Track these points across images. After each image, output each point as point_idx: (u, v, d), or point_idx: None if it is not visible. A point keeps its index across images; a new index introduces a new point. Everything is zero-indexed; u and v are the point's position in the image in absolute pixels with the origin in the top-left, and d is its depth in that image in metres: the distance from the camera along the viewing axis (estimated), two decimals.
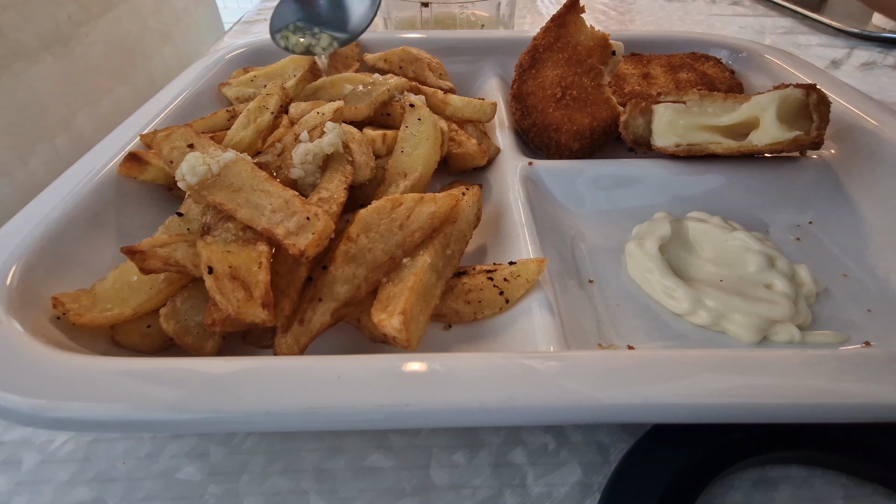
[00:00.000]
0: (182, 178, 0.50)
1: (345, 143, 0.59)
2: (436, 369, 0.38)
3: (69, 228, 0.53)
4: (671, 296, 0.54)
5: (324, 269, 0.48)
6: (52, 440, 0.47)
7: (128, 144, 0.63)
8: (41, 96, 0.98)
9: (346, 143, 0.59)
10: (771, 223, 0.66)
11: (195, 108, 0.76)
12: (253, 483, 0.44)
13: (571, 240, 0.64)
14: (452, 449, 0.46)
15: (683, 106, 0.66)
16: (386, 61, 0.83)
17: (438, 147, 0.64)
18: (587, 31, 0.75)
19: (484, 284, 0.51)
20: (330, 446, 0.46)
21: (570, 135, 0.72)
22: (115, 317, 0.46)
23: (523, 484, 0.43)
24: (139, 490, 0.43)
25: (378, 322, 0.44)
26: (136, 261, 0.46)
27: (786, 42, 1.34)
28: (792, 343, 0.51)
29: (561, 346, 0.45)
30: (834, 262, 0.60)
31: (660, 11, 1.59)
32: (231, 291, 0.43)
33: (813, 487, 0.43)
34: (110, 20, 1.18)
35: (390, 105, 0.71)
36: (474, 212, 0.57)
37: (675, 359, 0.38)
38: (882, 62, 1.22)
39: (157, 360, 0.39)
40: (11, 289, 0.45)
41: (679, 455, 0.41)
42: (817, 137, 0.61)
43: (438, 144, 0.64)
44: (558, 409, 0.36)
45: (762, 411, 0.37)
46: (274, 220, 0.47)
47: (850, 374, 0.38)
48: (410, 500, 0.43)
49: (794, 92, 0.60)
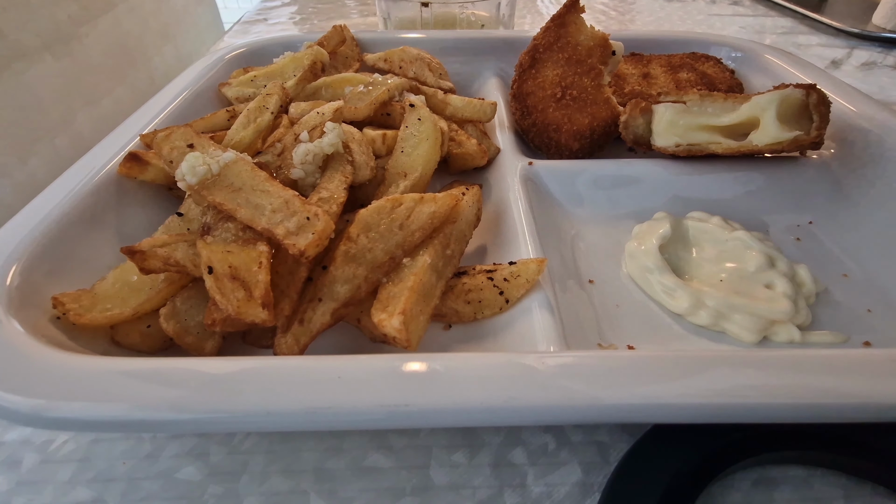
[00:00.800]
0: (182, 178, 0.50)
1: (345, 143, 0.59)
2: (436, 369, 0.38)
3: (69, 228, 0.53)
4: (671, 296, 0.54)
5: (324, 269, 0.48)
6: (52, 440, 0.47)
7: (128, 144, 0.63)
8: (41, 96, 0.98)
9: (346, 143, 0.59)
10: (771, 223, 0.66)
11: (195, 108, 0.76)
12: (253, 483, 0.44)
13: (571, 240, 0.64)
14: (452, 449, 0.46)
15: (683, 106, 0.66)
16: (386, 61, 0.83)
17: (438, 147, 0.64)
18: (587, 31, 0.75)
19: (484, 284, 0.51)
20: (330, 446, 0.46)
21: (570, 135, 0.72)
22: (115, 317, 0.46)
23: (523, 484, 0.43)
24: (139, 490, 0.43)
25: (378, 322, 0.44)
26: (136, 261, 0.46)
27: (786, 42, 1.35)
28: (792, 343, 0.51)
29: (561, 346, 0.45)
30: (834, 262, 0.60)
31: (660, 11, 1.59)
32: (231, 291, 0.43)
33: (813, 487, 0.43)
34: (110, 20, 1.18)
35: (390, 105, 0.71)
36: (474, 212, 0.57)
37: (675, 359, 0.38)
38: (882, 62, 1.22)
39: (157, 360, 0.39)
40: (11, 289, 0.45)
41: (679, 455, 0.41)
42: (817, 137, 0.61)
43: (438, 144, 0.64)
44: (558, 409, 0.36)
45: (762, 411, 0.37)
46: (274, 220, 0.47)
47: (850, 374, 0.38)
48: (410, 500, 0.43)
49: (794, 92, 0.60)
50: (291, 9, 1.65)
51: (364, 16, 1.56)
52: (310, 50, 0.82)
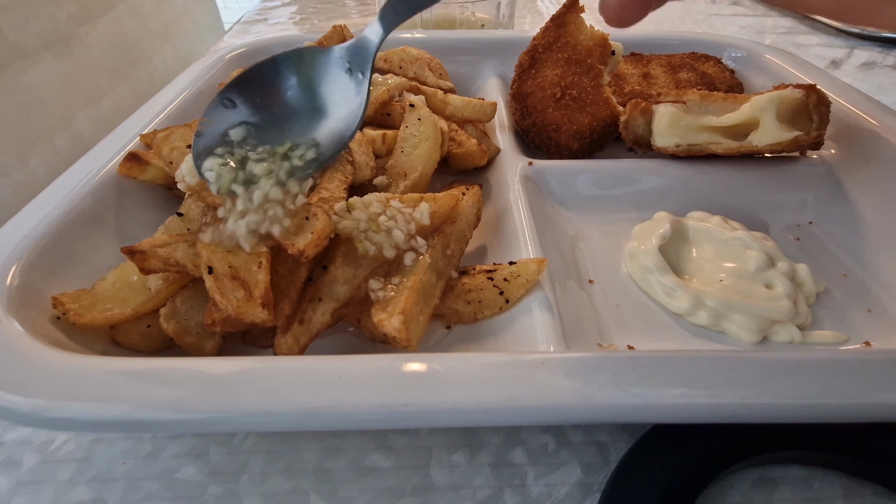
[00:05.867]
0: (182, 178, 0.50)
1: None
2: (436, 369, 0.38)
3: (69, 228, 0.53)
4: (671, 296, 0.54)
5: (324, 269, 0.48)
6: (52, 440, 0.47)
7: (128, 144, 0.63)
8: (41, 96, 0.98)
9: None
10: (771, 223, 0.66)
11: (195, 108, 0.75)
12: (253, 483, 0.44)
13: (571, 240, 0.64)
14: (452, 449, 0.46)
15: (683, 106, 0.66)
16: (386, 61, 0.82)
17: (438, 147, 0.64)
18: (587, 30, 0.75)
19: (484, 284, 0.51)
20: (330, 446, 0.46)
21: (570, 135, 0.72)
22: (115, 317, 0.46)
23: (523, 484, 0.43)
24: (139, 490, 0.43)
25: (378, 322, 0.44)
26: (136, 261, 0.46)
27: (786, 42, 1.34)
28: (792, 343, 0.51)
29: (561, 346, 0.45)
30: (834, 262, 0.60)
31: (660, 11, 1.57)
32: (231, 291, 0.43)
33: (813, 487, 0.43)
34: (110, 20, 1.18)
35: (390, 105, 0.71)
36: (474, 212, 0.57)
37: (675, 359, 0.38)
38: (882, 62, 1.22)
39: (157, 360, 0.39)
40: (11, 289, 0.45)
41: (679, 455, 0.41)
42: (817, 138, 0.61)
43: (438, 144, 0.64)
44: (558, 409, 0.36)
45: (762, 411, 0.37)
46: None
47: (850, 374, 0.38)
48: (410, 500, 0.43)
49: (793, 92, 0.60)
50: (291, 9, 1.65)
51: (364, 16, 1.56)
52: None
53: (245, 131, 0.49)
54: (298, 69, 0.51)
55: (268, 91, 0.51)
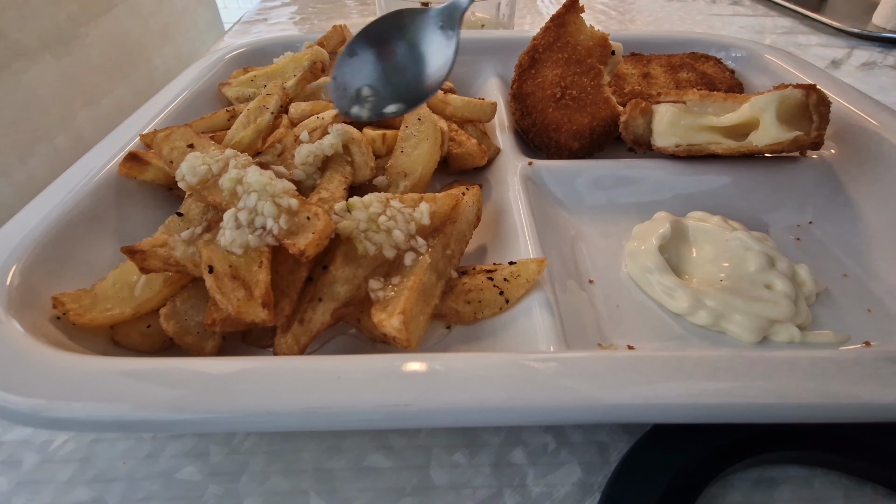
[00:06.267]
0: (182, 178, 0.50)
1: (344, 143, 0.59)
2: (436, 369, 0.38)
3: (69, 228, 0.53)
4: (671, 296, 0.54)
5: (324, 269, 0.48)
6: (52, 440, 0.47)
7: (128, 144, 0.63)
8: (41, 96, 0.98)
9: (346, 143, 0.59)
10: (771, 223, 0.66)
11: (195, 108, 0.76)
12: (253, 483, 0.44)
13: (571, 240, 0.64)
14: (452, 449, 0.46)
15: (684, 106, 0.66)
16: None
17: (438, 147, 0.64)
18: (587, 30, 0.75)
19: (484, 284, 0.51)
20: (330, 446, 0.46)
21: (570, 135, 0.72)
22: (115, 317, 0.46)
23: (523, 484, 0.43)
24: (139, 490, 0.43)
25: (378, 322, 0.44)
26: (136, 261, 0.46)
27: (786, 42, 1.35)
28: (792, 343, 0.51)
29: (561, 346, 0.45)
30: (834, 262, 0.60)
31: (660, 11, 1.59)
32: (231, 291, 0.43)
33: (813, 487, 0.43)
34: (110, 20, 1.18)
35: None
36: (474, 212, 0.57)
37: (675, 359, 0.38)
38: (882, 62, 1.22)
39: (157, 360, 0.39)
40: (11, 289, 0.45)
41: (679, 455, 0.41)
42: (817, 138, 0.61)
43: (438, 144, 0.64)
44: (558, 409, 0.36)
45: (762, 411, 0.37)
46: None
47: (850, 374, 0.38)
48: (410, 500, 0.43)
49: (793, 92, 0.60)
50: (291, 9, 1.65)
51: (364, 16, 1.56)
52: (310, 50, 0.82)
53: (370, 91, 0.61)
54: (404, 26, 0.63)
55: (382, 43, 0.63)
